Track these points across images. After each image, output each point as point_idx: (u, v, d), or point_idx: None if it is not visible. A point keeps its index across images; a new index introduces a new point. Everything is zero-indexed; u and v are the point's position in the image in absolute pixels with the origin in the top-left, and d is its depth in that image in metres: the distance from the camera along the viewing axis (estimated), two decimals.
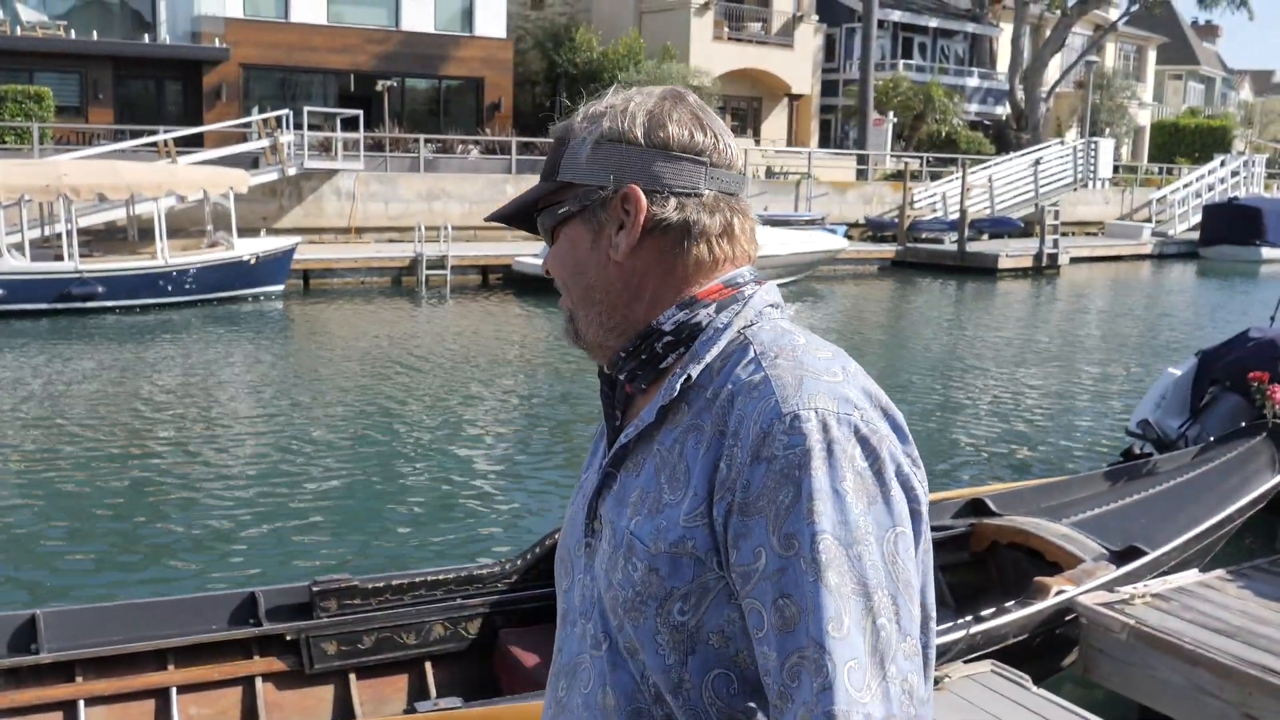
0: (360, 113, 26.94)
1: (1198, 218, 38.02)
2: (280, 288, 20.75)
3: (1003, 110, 47.92)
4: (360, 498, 9.15)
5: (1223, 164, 43.22)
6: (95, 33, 29.23)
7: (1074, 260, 31.53)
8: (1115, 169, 43.50)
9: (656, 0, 38.63)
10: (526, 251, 23.91)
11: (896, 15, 45.86)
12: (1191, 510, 6.01)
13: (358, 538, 8.19)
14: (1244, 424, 7.54)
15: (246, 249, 20.17)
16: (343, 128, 26.73)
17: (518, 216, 1.53)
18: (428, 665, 4.81)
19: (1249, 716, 4.51)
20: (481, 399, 13.17)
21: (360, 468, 10.02)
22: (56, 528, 8.23)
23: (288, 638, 4.64)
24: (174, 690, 4.43)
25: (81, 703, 4.29)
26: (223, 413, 12.10)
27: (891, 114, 41.27)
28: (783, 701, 1.21)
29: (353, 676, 4.71)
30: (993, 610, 4.88)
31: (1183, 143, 55.74)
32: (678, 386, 1.37)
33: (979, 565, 5.96)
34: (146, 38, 30.31)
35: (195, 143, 25.72)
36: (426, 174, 27.66)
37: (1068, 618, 5.07)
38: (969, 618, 4.77)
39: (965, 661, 4.60)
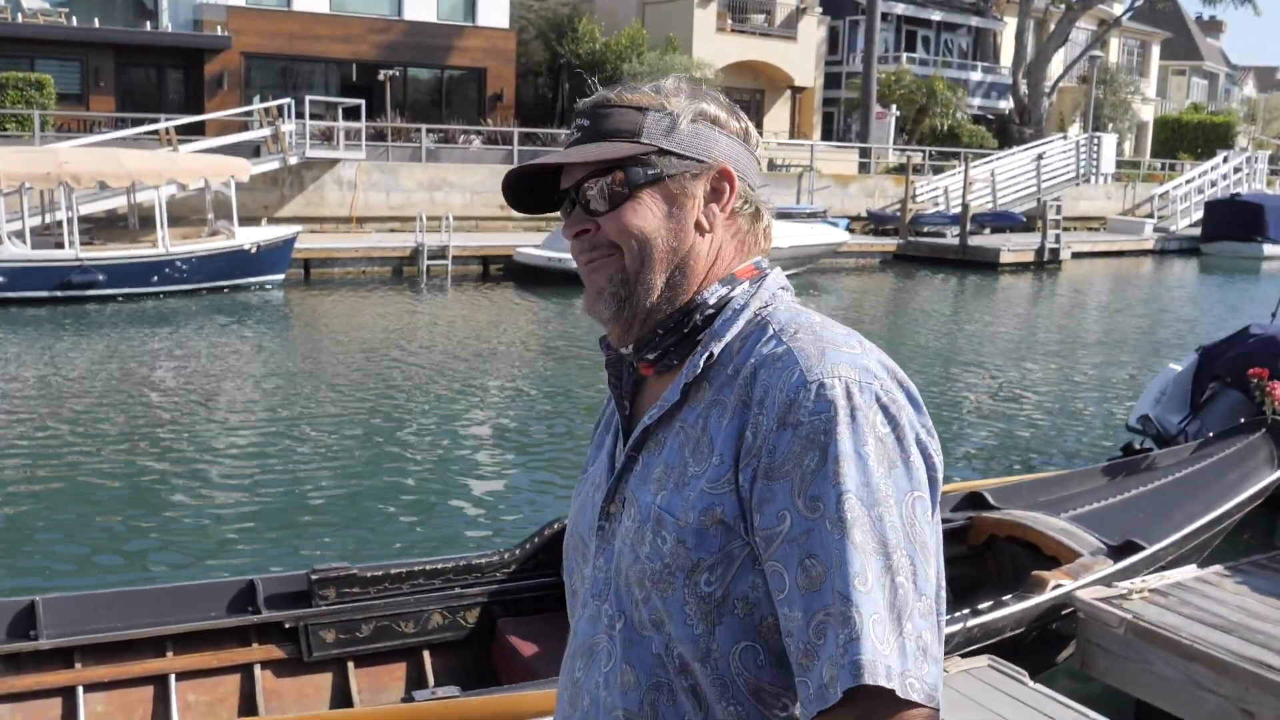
0: (362, 102, 26.92)
1: (1200, 214, 37.96)
2: (281, 277, 20.75)
3: (1006, 104, 47.83)
4: (360, 486, 9.15)
5: (1225, 160, 43.16)
6: (97, 20, 29.19)
7: (1075, 255, 31.51)
8: (1118, 164, 43.45)
9: None
10: (528, 242, 23.90)
11: (900, 8, 45.82)
12: (1189, 506, 6.02)
13: (357, 526, 8.20)
14: (1243, 420, 7.55)
15: (247, 238, 20.15)
16: (344, 117, 26.69)
17: (537, 176, 1.52)
18: (426, 654, 4.82)
19: (1246, 712, 4.51)
20: (482, 389, 13.17)
21: (360, 456, 10.02)
22: (56, 515, 8.24)
23: (286, 625, 4.65)
24: (173, 677, 4.44)
25: (80, 689, 4.30)
26: (223, 401, 12.10)
27: (894, 107, 41.22)
28: (808, 660, 1.26)
29: (351, 665, 4.72)
30: (990, 604, 4.89)
31: (1185, 138, 55.63)
32: (701, 363, 1.43)
33: (977, 559, 5.96)
34: (148, 25, 30.28)
35: (196, 131, 25.71)
36: (428, 164, 27.64)
37: (1064, 612, 5.08)
38: (966, 611, 4.78)
39: (962, 655, 4.61)
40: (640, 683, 1.40)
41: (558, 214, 1.53)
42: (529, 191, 1.54)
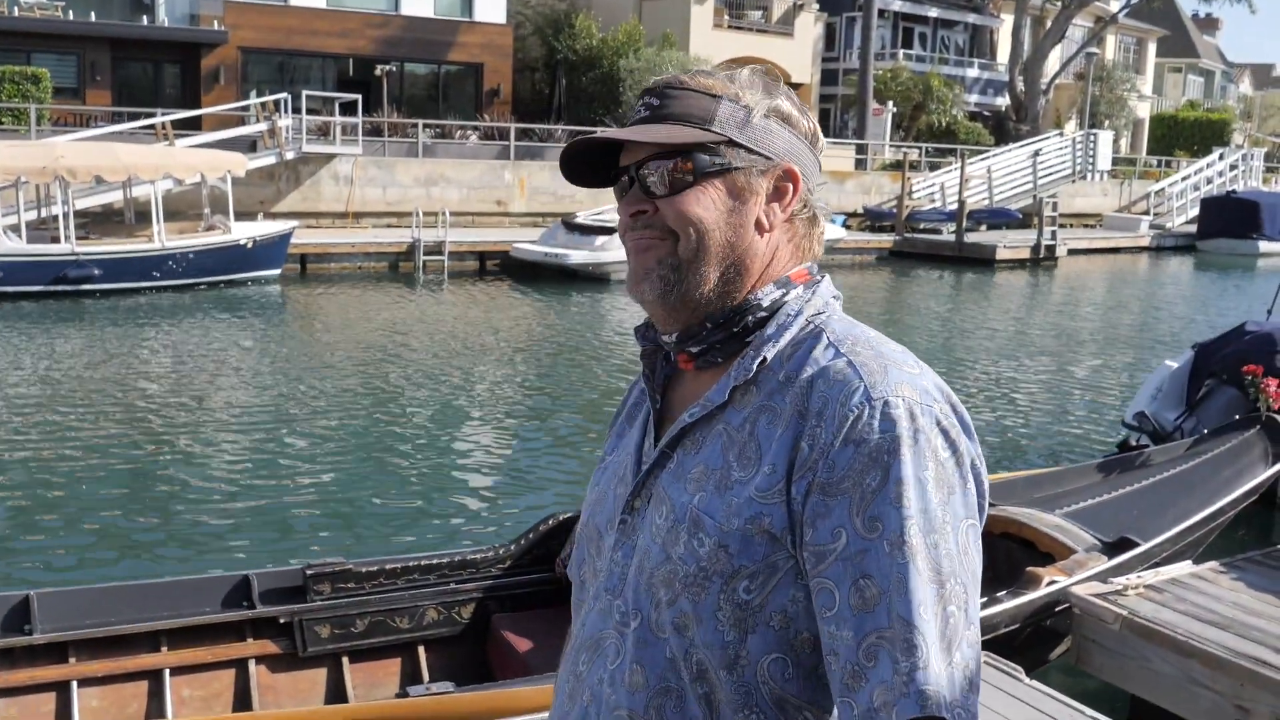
0: (359, 97, 26.85)
1: (1195, 211, 38.02)
2: (277, 272, 20.73)
3: (1002, 101, 47.85)
4: (355, 482, 9.15)
5: (1221, 157, 43.18)
6: (93, 14, 29.14)
7: (1071, 252, 31.50)
8: (1114, 161, 43.47)
9: None
10: (524, 238, 23.89)
11: (897, 5, 45.77)
12: (1184, 502, 6.02)
13: (352, 522, 8.20)
14: (1238, 416, 7.56)
15: (243, 233, 20.13)
16: (341, 112, 26.66)
17: (595, 150, 1.48)
18: (420, 649, 4.82)
19: (1241, 708, 4.52)
20: (477, 385, 13.16)
21: (355, 452, 10.01)
22: (51, 509, 8.23)
23: (281, 621, 4.64)
24: (167, 672, 4.44)
25: (75, 683, 4.30)
26: (218, 396, 12.09)
27: (891, 104, 41.21)
28: (855, 681, 1.23)
29: (345, 660, 4.71)
30: (984, 600, 4.89)
31: (1181, 136, 55.68)
32: (754, 368, 1.39)
33: None
34: (145, 20, 30.21)
35: (193, 125, 25.65)
36: (425, 159, 27.61)
37: (1058, 608, 5.08)
38: None
39: None
40: (649, 685, 1.37)
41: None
42: (585, 165, 1.50)
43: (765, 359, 1.39)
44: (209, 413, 11.32)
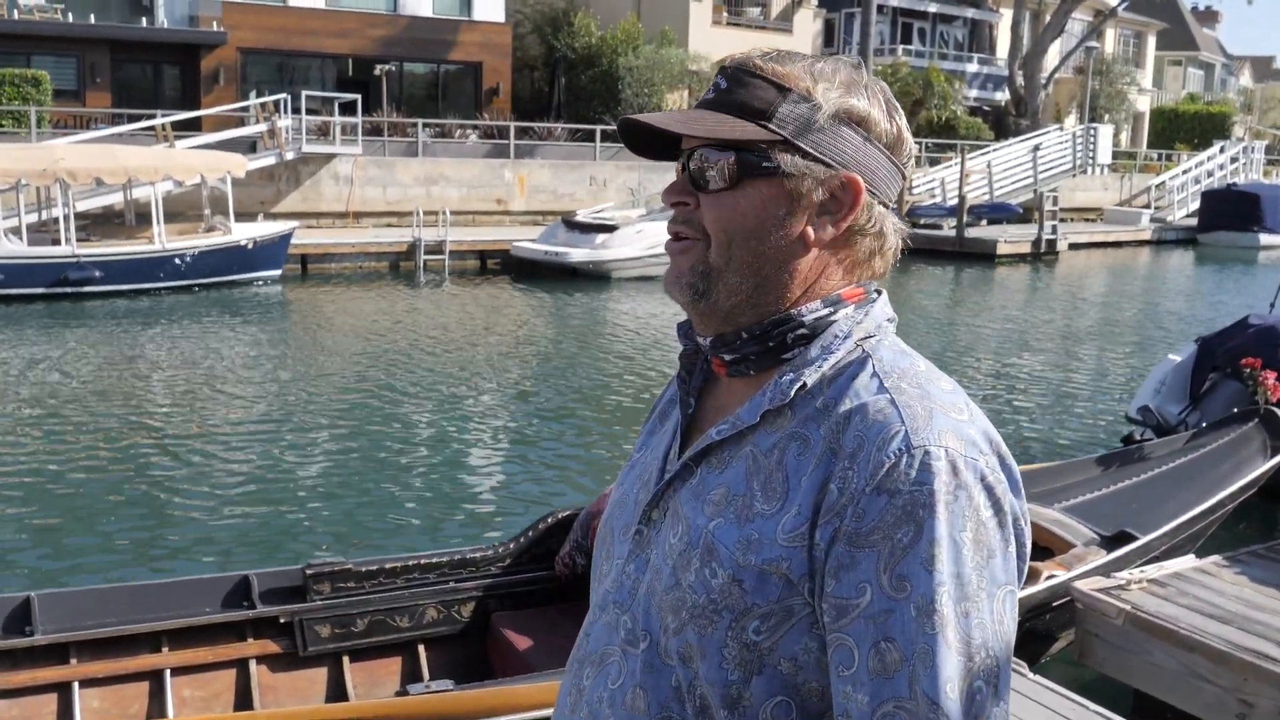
0: (358, 97, 26.85)
1: (1196, 204, 38.00)
2: (277, 272, 20.73)
3: (1002, 96, 47.82)
4: (355, 481, 9.15)
5: (1222, 150, 43.14)
6: (93, 16, 29.13)
7: (1072, 246, 31.50)
8: (1114, 155, 43.43)
9: None
10: (524, 237, 23.89)
11: (896, 0, 45.75)
12: (1183, 496, 6.02)
13: (352, 521, 8.19)
14: (1236, 410, 7.55)
15: (244, 233, 20.13)
16: (341, 112, 26.66)
17: (653, 136, 1.37)
18: (421, 648, 4.81)
19: (1244, 701, 4.51)
20: (478, 384, 13.16)
21: (355, 451, 10.01)
22: (52, 511, 8.23)
23: (281, 620, 4.63)
24: (168, 672, 4.43)
25: (76, 684, 4.29)
26: (219, 397, 12.09)
27: None
28: None
29: (346, 659, 4.71)
30: None
31: (1182, 129, 55.65)
32: (791, 392, 1.28)
33: None
34: (144, 21, 30.20)
35: (193, 127, 25.65)
36: (424, 159, 27.61)
37: (1057, 603, 5.08)
38: None
39: None
40: (650, 712, 1.30)
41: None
42: (648, 138, 1.38)
43: (805, 384, 1.28)
44: (209, 413, 11.32)
